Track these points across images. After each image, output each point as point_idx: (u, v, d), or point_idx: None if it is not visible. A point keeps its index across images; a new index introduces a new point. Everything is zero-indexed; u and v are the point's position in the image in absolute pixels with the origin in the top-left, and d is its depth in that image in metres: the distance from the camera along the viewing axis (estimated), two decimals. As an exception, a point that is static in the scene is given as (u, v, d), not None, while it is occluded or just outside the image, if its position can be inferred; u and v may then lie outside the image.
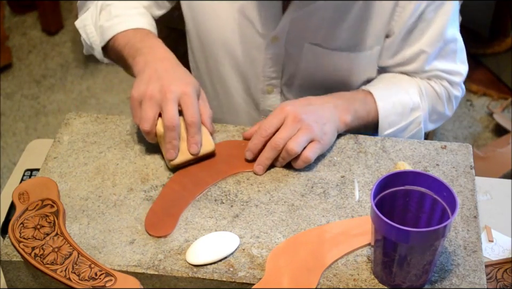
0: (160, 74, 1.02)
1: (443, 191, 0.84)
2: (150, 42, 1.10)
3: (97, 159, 1.04)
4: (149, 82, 1.01)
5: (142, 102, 1.00)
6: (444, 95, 1.21)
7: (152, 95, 0.99)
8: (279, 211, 0.96)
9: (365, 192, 1.00)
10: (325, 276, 0.88)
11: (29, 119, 2.50)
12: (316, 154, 1.02)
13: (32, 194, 0.96)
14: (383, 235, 0.82)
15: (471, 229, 0.94)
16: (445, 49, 1.17)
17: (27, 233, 0.91)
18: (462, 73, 1.21)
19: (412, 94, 1.17)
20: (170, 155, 1.00)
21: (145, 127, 0.99)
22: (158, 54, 1.07)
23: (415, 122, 1.17)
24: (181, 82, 1.01)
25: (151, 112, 0.99)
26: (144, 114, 0.99)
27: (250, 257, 0.90)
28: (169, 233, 0.93)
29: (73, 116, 1.12)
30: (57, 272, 0.86)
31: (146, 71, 1.03)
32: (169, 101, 0.99)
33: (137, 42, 1.09)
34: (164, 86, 1.00)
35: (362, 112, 1.12)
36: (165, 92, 0.99)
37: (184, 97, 1.00)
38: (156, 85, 1.00)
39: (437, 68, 1.19)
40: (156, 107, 0.99)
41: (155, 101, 0.99)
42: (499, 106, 2.47)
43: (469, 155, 1.06)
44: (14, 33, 2.86)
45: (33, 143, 1.30)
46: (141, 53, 1.07)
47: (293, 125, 1.02)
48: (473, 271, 0.88)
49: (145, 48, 1.07)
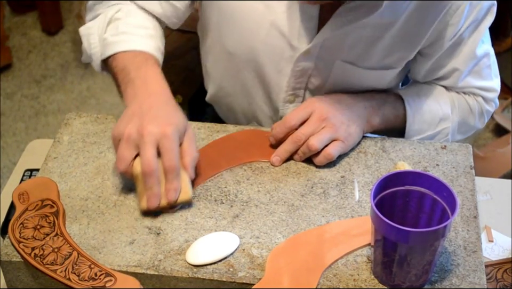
0: (142, 112, 0.96)
1: (443, 191, 0.84)
2: (145, 73, 1.03)
3: (97, 159, 1.04)
4: (130, 120, 0.95)
5: (119, 140, 0.95)
6: (476, 109, 1.20)
7: (129, 135, 0.93)
8: (279, 212, 0.96)
9: (365, 192, 1.00)
10: (325, 276, 0.88)
11: (29, 119, 2.50)
12: (338, 152, 1.02)
13: (32, 195, 0.96)
14: (383, 236, 0.82)
15: (471, 229, 0.94)
16: (479, 65, 1.16)
17: (27, 234, 0.91)
18: (496, 89, 1.21)
19: (443, 104, 1.16)
20: (152, 203, 0.93)
21: (120, 168, 0.94)
22: (149, 89, 1.01)
23: (442, 133, 1.17)
24: (162, 122, 0.95)
25: (127, 153, 0.93)
26: (120, 154, 0.94)
27: (250, 257, 0.90)
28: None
29: (73, 116, 1.12)
30: (57, 272, 0.86)
31: (130, 107, 0.98)
32: (146, 144, 0.93)
33: (132, 70, 1.04)
34: (143, 126, 0.93)
35: (391, 116, 1.12)
36: (142, 133, 0.93)
37: (163, 140, 0.93)
38: (135, 124, 0.94)
39: (471, 85, 1.18)
40: (132, 148, 0.94)
41: (132, 142, 0.94)
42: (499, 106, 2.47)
43: (469, 155, 1.06)
44: (14, 33, 2.86)
45: (33, 143, 1.30)
46: (133, 84, 1.02)
47: (317, 123, 1.02)
48: (473, 271, 0.88)
49: (138, 79, 1.02)
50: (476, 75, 1.17)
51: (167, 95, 1.02)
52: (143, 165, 0.92)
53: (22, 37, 2.86)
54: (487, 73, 1.18)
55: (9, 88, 2.62)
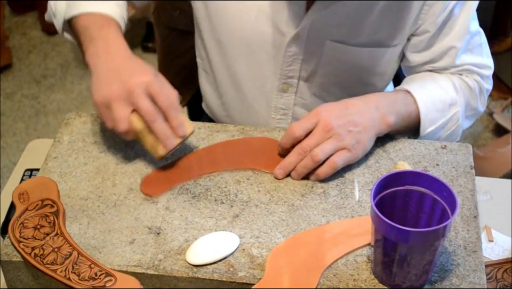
0: (117, 71, 0.98)
1: (443, 191, 0.84)
2: (107, 33, 1.05)
3: (97, 159, 1.04)
4: (109, 82, 0.98)
5: (110, 104, 0.96)
6: (476, 89, 1.20)
7: (118, 94, 0.96)
8: (279, 211, 0.96)
9: (365, 192, 1.00)
10: (325, 276, 0.88)
11: (29, 119, 2.50)
12: (343, 161, 1.00)
13: (32, 194, 0.96)
14: (383, 235, 0.82)
15: (471, 229, 0.94)
16: (472, 43, 1.17)
17: (27, 233, 0.91)
18: (490, 67, 1.21)
19: (448, 89, 1.16)
20: (169, 145, 0.98)
21: (122, 128, 0.97)
22: (111, 48, 1.03)
23: (453, 119, 1.16)
24: (141, 72, 0.98)
25: (123, 112, 0.96)
26: (116, 115, 0.96)
27: (250, 257, 0.90)
28: (155, 195, 0.97)
29: (73, 116, 1.12)
30: (57, 272, 0.86)
31: (101, 69, 1.00)
32: (139, 95, 0.96)
33: (95, 30, 1.05)
34: (126, 82, 0.96)
35: (404, 113, 1.10)
36: (130, 89, 0.96)
37: (150, 86, 0.97)
38: (118, 84, 0.97)
39: (467, 62, 1.18)
40: (126, 106, 0.97)
41: (123, 100, 0.96)
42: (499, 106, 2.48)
43: (469, 155, 1.06)
44: (14, 33, 2.87)
45: (33, 143, 1.30)
46: (94, 44, 1.03)
47: (322, 134, 1.00)
48: (473, 271, 0.88)
49: (100, 39, 1.04)
50: (469, 53, 1.18)
51: (129, 52, 1.04)
52: (146, 115, 0.96)
53: (22, 37, 2.86)
54: (479, 51, 1.19)
55: (9, 88, 2.62)
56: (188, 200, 0.98)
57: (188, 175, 1.01)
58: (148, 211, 0.96)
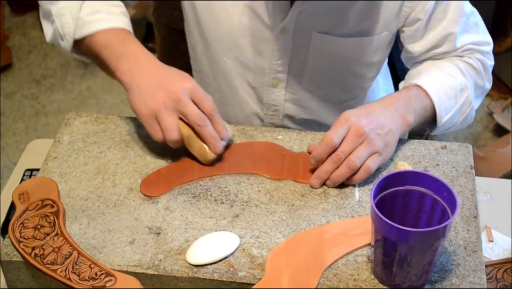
0: (158, 81, 1.00)
1: (443, 191, 0.84)
2: (132, 47, 1.07)
3: (97, 159, 1.04)
4: (152, 93, 0.99)
5: (157, 114, 0.98)
6: (481, 68, 1.21)
7: (165, 103, 0.98)
8: (279, 211, 0.96)
9: (365, 192, 1.00)
10: (325, 276, 0.88)
11: (29, 119, 2.50)
12: (377, 165, 1.01)
13: (32, 194, 0.96)
14: (383, 236, 0.82)
15: (471, 229, 0.94)
16: (468, 23, 1.18)
17: (27, 233, 0.91)
18: (489, 42, 1.22)
19: (456, 75, 1.16)
20: (218, 148, 1.01)
21: (173, 137, 0.98)
22: (143, 61, 1.04)
23: (466, 103, 1.17)
24: (182, 80, 1.01)
25: (172, 120, 0.98)
26: (167, 124, 0.98)
27: (250, 257, 0.90)
28: (154, 196, 0.97)
29: (73, 116, 1.12)
30: (57, 272, 0.86)
31: (140, 82, 1.01)
32: (185, 102, 0.98)
33: (118, 46, 1.06)
34: (171, 90, 0.99)
35: (420, 109, 1.11)
36: (176, 96, 0.98)
37: (194, 93, 1.00)
38: (162, 93, 0.99)
39: (466, 42, 1.19)
40: (174, 114, 0.98)
41: (171, 108, 0.98)
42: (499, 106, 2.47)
43: (469, 155, 1.06)
44: (14, 33, 2.86)
45: (33, 143, 1.30)
46: (125, 59, 1.04)
47: (356, 139, 1.00)
48: (473, 271, 0.88)
49: (127, 54, 1.05)
50: (466, 33, 1.19)
51: (159, 62, 1.06)
52: (196, 120, 0.99)
53: (22, 37, 2.86)
54: (475, 29, 1.20)
55: (9, 88, 2.62)
56: (188, 200, 0.98)
57: (188, 177, 1.01)
58: (148, 211, 0.96)
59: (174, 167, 1.03)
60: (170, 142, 0.99)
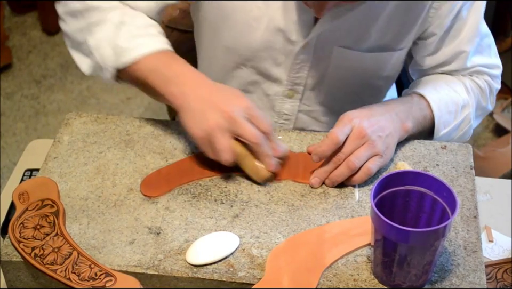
0: (210, 101, 0.98)
1: (443, 191, 0.84)
2: (179, 68, 1.04)
3: (97, 159, 1.04)
4: (205, 114, 0.97)
5: (211, 135, 0.96)
6: (486, 89, 1.21)
7: (219, 124, 0.96)
8: (279, 212, 0.96)
9: (365, 192, 1.00)
10: (325, 276, 0.88)
11: (29, 119, 2.49)
12: (377, 167, 1.01)
13: (32, 194, 0.96)
14: (383, 236, 0.82)
15: (471, 229, 0.94)
16: (481, 44, 1.18)
17: (27, 233, 0.91)
18: (499, 66, 1.23)
19: (460, 91, 1.17)
20: (273, 166, 0.99)
21: (226, 158, 0.97)
22: (192, 81, 1.02)
23: (465, 120, 1.17)
24: (235, 99, 0.99)
25: (226, 142, 0.97)
26: (221, 145, 0.96)
27: (250, 257, 0.90)
28: (154, 196, 0.98)
29: (73, 116, 1.12)
30: (57, 272, 0.86)
31: (192, 104, 0.99)
32: (240, 122, 0.97)
33: (165, 69, 1.03)
34: (225, 111, 0.97)
35: (420, 117, 1.11)
36: (230, 116, 0.96)
37: (248, 112, 0.98)
38: (216, 113, 0.97)
39: (477, 64, 1.19)
40: (227, 135, 0.97)
41: (225, 129, 0.96)
42: (499, 106, 2.47)
43: (469, 155, 1.06)
44: (14, 33, 2.86)
45: (33, 143, 1.29)
46: (173, 82, 1.02)
47: (357, 141, 1.00)
48: (473, 271, 0.88)
49: (176, 77, 1.02)
50: (478, 54, 1.19)
51: (209, 80, 1.03)
52: (253, 139, 0.97)
53: (22, 37, 2.85)
54: (488, 52, 1.20)
55: (9, 88, 2.61)
56: (188, 200, 0.98)
57: (188, 177, 1.01)
58: (148, 212, 0.96)
59: (173, 167, 1.03)
60: (224, 162, 0.98)
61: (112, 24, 1.08)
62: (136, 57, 1.05)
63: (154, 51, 1.05)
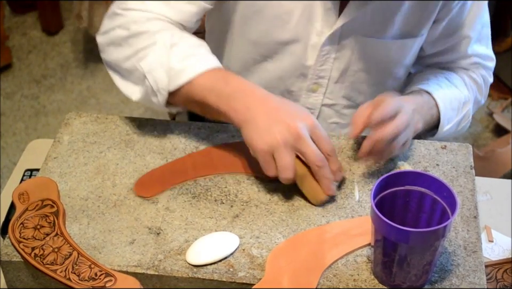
0: (276, 116, 0.95)
1: (443, 191, 0.84)
2: (237, 84, 1.00)
3: (97, 159, 1.04)
4: (271, 128, 0.94)
5: (275, 150, 0.93)
6: (482, 84, 1.23)
7: (285, 140, 0.93)
8: (279, 212, 0.96)
9: (365, 192, 1.00)
10: (325, 276, 0.88)
11: (29, 119, 2.49)
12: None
13: (32, 194, 0.96)
14: (383, 236, 0.82)
15: (471, 229, 0.94)
16: (482, 33, 1.19)
17: (27, 233, 0.91)
18: (493, 59, 1.24)
19: (460, 87, 1.19)
20: (332, 190, 0.97)
21: (289, 176, 0.94)
22: (255, 95, 0.99)
23: (466, 116, 1.20)
24: (300, 116, 0.96)
25: (290, 159, 0.94)
26: (284, 163, 0.93)
27: (250, 257, 0.90)
28: (148, 197, 0.97)
29: (73, 116, 1.12)
30: (57, 272, 0.86)
31: (257, 118, 0.96)
32: (305, 140, 0.94)
33: (223, 86, 0.99)
34: (291, 126, 0.94)
35: (428, 116, 1.12)
36: (296, 132, 0.94)
37: (313, 130, 0.96)
38: (281, 128, 0.94)
39: (477, 53, 1.20)
40: (292, 152, 0.94)
41: (290, 146, 0.94)
42: (499, 106, 2.47)
43: (469, 155, 1.06)
44: (14, 33, 2.86)
45: (33, 143, 1.30)
46: (235, 98, 0.98)
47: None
48: (473, 271, 0.88)
49: (237, 92, 0.99)
50: (479, 43, 1.20)
51: (274, 95, 1.00)
52: (316, 161, 0.94)
53: (22, 37, 2.85)
54: (487, 42, 1.21)
55: (9, 88, 2.61)
56: (188, 200, 0.98)
57: (182, 177, 1.01)
58: (148, 212, 0.96)
59: (167, 167, 1.03)
60: (283, 180, 0.95)
61: (163, 46, 1.04)
62: (190, 78, 1.01)
63: (208, 70, 1.02)
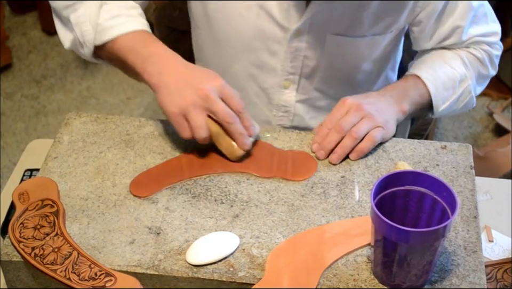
0: (186, 81, 1.01)
1: (443, 191, 0.84)
2: (156, 48, 1.07)
3: (97, 159, 1.04)
4: (181, 92, 1.00)
5: (186, 112, 0.99)
6: (485, 58, 1.23)
7: (194, 102, 0.99)
8: (279, 212, 0.96)
9: (365, 192, 1.00)
10: (325, 276, 0.88)
11: (29, 119, 2.49)
12: (380, 137, 1.05)
13: (32, 194, 0.96)
14: (383, 236, 0.82)
15: (471, 229, 0.94)
16: (476, 15, 1.20)
17: (27, 233, 0.91)
18: (497, 32, 1.24)
19: (456, 66, 1.20)
20: (247, 144, 1.01)
21: (202, 135, 0.99)
22: (169, 61, 1.05)
23: (465, 92, 1.21)
24: (210, 78, 1.02)
25: (201, 119, 0.99)
26: (196, 122, 0.98)
27: (250, 257, 0.90)
28: (144, 196, 0.98)
29: (73, 116, 1.12)
30: (57, 272, 0.86)
31: (168, 82, 1.01)
32: (214, 100, 0.99)
33: (142, 48, 1.06)
34: (199, 88, 0.99)
35: (417, 97, 1.15)
36: (204, 94, 0.99)
37: (222, 90, 1.00)
38: (190, 91, 0.99)
39: (474, 35, 1.21)
40: (203, 113, 0.99)
41: (200, 106, 0.99)
42: (499, 106, 2.47)
43: (469, 155, 1.06)
44: (14, 33, 2.86)
45: (33, 143, 1.30)
46: (150, 61, 1.04)
47: (356, 113, 1.04)
48: (473, 271, 0.88)
49: (153, 56, 1.05)
50: (475, 25, 1.20)
51: (185, 61, 1.06)
52: (225, 117, 0.99)
53: (22, 37, 2.85)
54: (484, 20, 1.22)
55: (9, 88, 2.61)
56: (188, 200, 0.98)
57: (178, 177, 1.01)
58: (148, 212, 0.96)
59: (163, 167, 1.03)
60: (199, 140, 1.00)
61: (95, 2, 1.11)
62: (114, 36, 1.08)
63: (133, 31, 1.08)
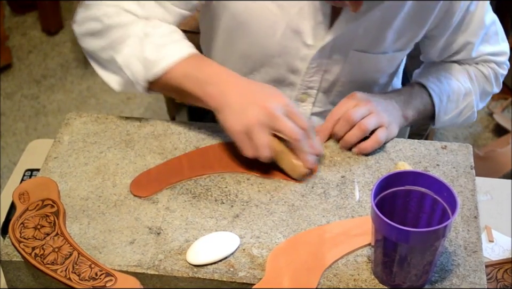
0: (249, 98, 0.99)
1: (443, 191, 0.84)
2: (211, 69, 1.04)
3: (98, 159, 1.05)
4: (245, 110, 0.98)
5: (250, 131, 0.97)
6: (491, 76, 1.24)
7: (259, 120, 0.97)
8: (279, 212, 0.96)
9: (365, 192, 1.00)
10: (325, 276, 0.88)
11: (29, 119, 2.49)
12: (384, 138, 1.06)
13: (32, 194, 0.96)
14: (383, 236, 0.82)
15: (471, 229, 0.94)
16: (488, 34, 1.20)
17: (27, 233, 0.91)
18: (506, 52, 1.25)
19: (462, 81, 1.21)
20: (312, 163, 1.00)
21: (266, 153, 0.97)
22: (229, 80, 1.02)
23: (468, 107, 1.22)
24: (274, 96, 1.00)
25: (266, 137, 0.97)
26: (260, 141, 0.97)
27: (250, 257, 0.90)
28: (144, 196, 0.97)
29: (73, 116, 1.12)
30: (58, 272, 0.86)
31: (231, 102, 0.99)
32: (280, 118, 0.97)
33: (197, 72, 1.03)
34: (265, 107, 0.97)
35: (420, 106, 1.16)
36: (269, 112, 0.97)
37: (287, 108, 0.99)
38: (255, 110, 0.97)
39: (483, 53, 1.22)
40: (267, 132, 0.97)
41: (264, 125, 0.97)
42: (499, 106, 2.47)
43: (469, 155, 1.06)
44: (14, 33, 2.86)
45: (33, 143, 1.30)
46: (209, 83, 1.01)
47: (365, 107, 1.05)
48: (474, 271, 0.88)
49: (211, 77, 1.02)
50: (486, 44, 1.21)
51: (246, 79, 1.05)
52: (293, 134, 0.98)
53: (22, 37, 2.85)
54: (495, 39, 1.22)
55: (9, 88, 2.61)
56: (188, 200, 0.98)
57: (178, 177, 1.01)
58: (148, 211, 0.96)
59: (163, 167, 1.03)
60: (262, 159, 0.98)
61: (137, 37, 1.06)
62: (166, 67, 1.04)
63: (183, 57, 1.05)
